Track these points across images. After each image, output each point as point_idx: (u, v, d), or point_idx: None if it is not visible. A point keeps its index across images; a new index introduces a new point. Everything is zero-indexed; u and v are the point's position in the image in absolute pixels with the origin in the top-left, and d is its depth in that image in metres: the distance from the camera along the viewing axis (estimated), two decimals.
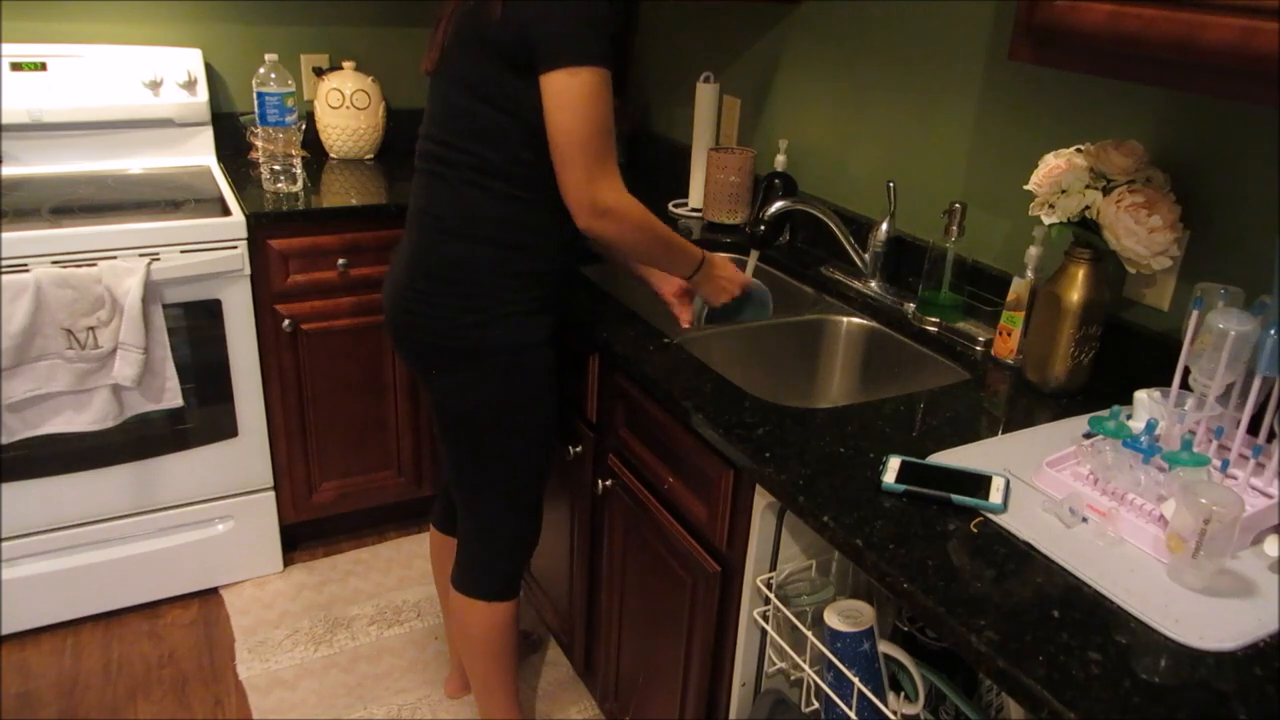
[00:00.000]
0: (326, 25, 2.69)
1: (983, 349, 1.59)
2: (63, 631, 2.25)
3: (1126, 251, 1.31)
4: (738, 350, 1.75)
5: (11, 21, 2.34)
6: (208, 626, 2.30)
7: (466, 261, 1.48)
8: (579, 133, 1.36)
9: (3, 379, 1.93)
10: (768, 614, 1.35)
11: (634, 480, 1.62)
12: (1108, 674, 0.88)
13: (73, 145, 2.39)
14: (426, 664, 2.20)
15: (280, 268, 2.22)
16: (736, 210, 2.18)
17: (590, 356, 1.69)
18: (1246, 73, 0.96)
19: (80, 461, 2.12)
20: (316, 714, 2.06)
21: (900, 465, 1.19)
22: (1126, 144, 1.35)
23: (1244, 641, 0.93)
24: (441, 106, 1.49)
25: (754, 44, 2.24)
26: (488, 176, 1.45)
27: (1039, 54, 1.19)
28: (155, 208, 2.15)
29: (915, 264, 1.81)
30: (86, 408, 2.02)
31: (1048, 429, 1.34)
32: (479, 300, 1.49)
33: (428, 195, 1.52)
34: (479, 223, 1.47)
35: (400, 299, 1.54)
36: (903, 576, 1.01)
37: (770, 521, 1.32)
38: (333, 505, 2.51)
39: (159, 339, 2.05)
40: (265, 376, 2.28)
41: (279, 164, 2.31)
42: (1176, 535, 1.00)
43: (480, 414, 1.56)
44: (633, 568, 1.68)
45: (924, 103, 1.81)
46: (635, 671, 1.75)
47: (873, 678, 1.21)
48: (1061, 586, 1.00)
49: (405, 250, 1.56)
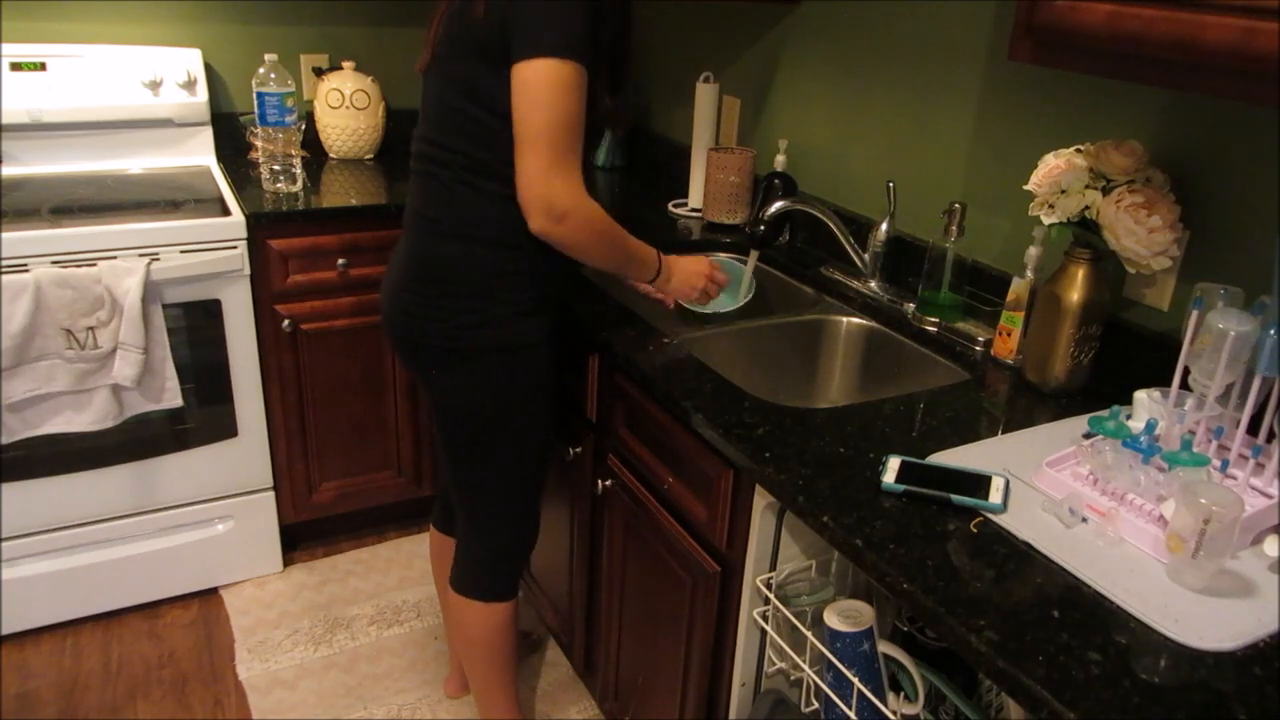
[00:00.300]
0: (326, 25, 2.69)
1: (982, 349, 1.59)
2: (63, 631, 2.25)
3: (1126, 251, 1.31)
4: (738, 350, 1.75)
5: (11, 21, 2.34)
6: (208, 627, 2.30)
7: (462, 262, 1.47)
8: (538, 124, 1.31)
9: (3, 379, 1.93)
10: (767, 614, 1.35)
11: (634, 480, 1.62)
12: (1107, 674, 0.88)
13: (73, 145, 2.39)
14: (426, 664, 2.20)
15: (280, 268, 2.22)
16: (736, 210, 2.18)
17: (590, 356, 1.69)
18: (1246, 73, 0.96)
19: (80, 461, 2.12)
20: (316, 714, 2.06)
21: (900, 465, 1.19)
22: (1126, 144, 1.35)
23: (1244, 641, 0.93)
24: (434, 107, 1.49)
25: (754, 44, 2.24)
26: (481, 177, 1.44)
27: (1039, 54, 1.19)
28: (155, 208, 2.15)
29: (915, 264, 1.81)
30: (86, 408, 2.02)
31: (1047, 429, 1.34)
32: (476, 301, 1.48)
33: (422, 196, 1.51)
34: (474, 223, 1.47)
35: (397, 301, 1.54)
36: (902, 576, 1.01)
37: (770, 521, 1.32)
38: (333, 505, 2.51)
39: (159, 339, 2.05)
40: (265, 376, 2.28)
41: (279, 164, 2.31)
42: (1176, 535, 1.00)
43: (479, 414, 1.56)
44: (633, 568, 1.68)
45: (924, 103, 1.81)
46: (635, 671, 1.75)
47: (872, 678, 1.21)
48: (1061, 586, 1.00)
49: (402, 252, 1.56)
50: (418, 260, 1.51)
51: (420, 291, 1.50)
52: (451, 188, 1.46)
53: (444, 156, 1.46)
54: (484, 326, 1.49)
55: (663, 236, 2.17)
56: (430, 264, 1.50)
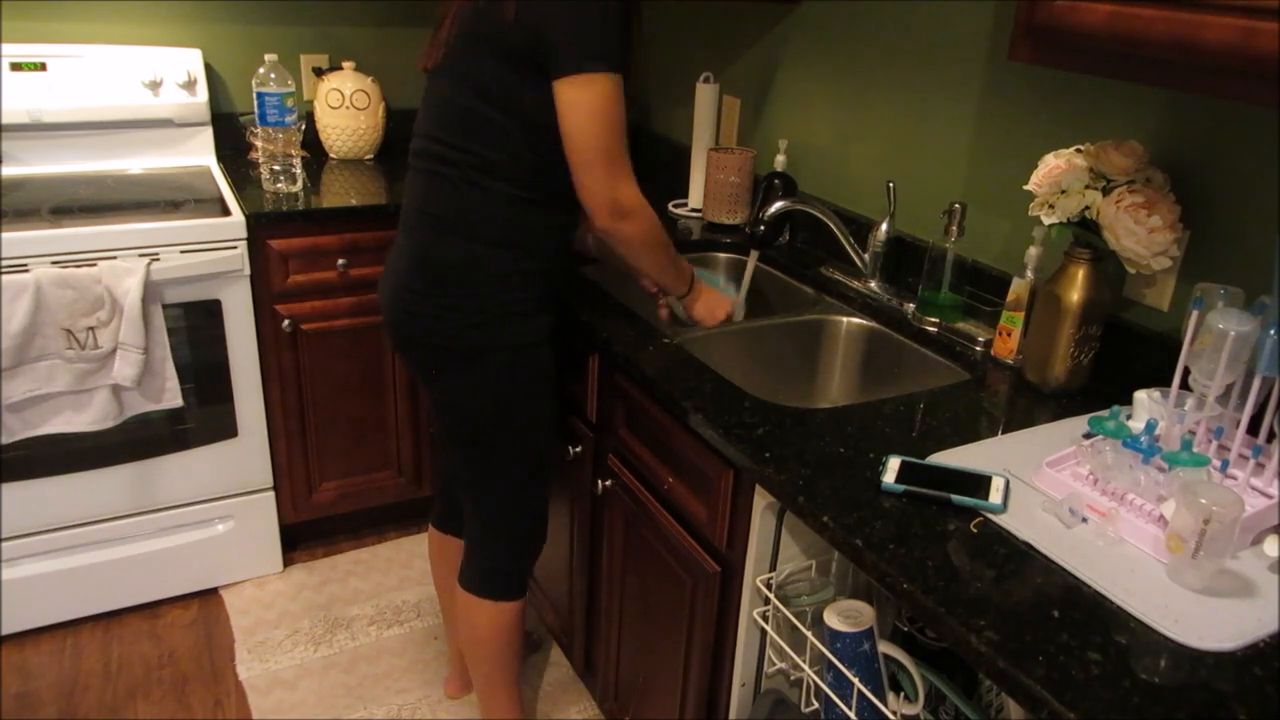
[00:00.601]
0: (326, 25, 2.69)
1: (982, 349, 1.59)
2: (63, 631, 2.25)
3: (1126, 251, 1.31)
4: (738, 350, 1.75)
5: (11, 21, 2.34)
6: (208, 627, 2.30)
7: (466, 262, 1.47)
8: (599, 137, 1.39)
9: (3, 379, 1.93)
10: (767, 614, 1.35)
11: (634, 480, 1.62)
12: (1107, 674, 0.88)
13: (73, 145, 2.39)
14: (426, 664, 2.20)
15: (280, 268, 2.22)
16: (736, 210, 2.18)
17: (590, 356, 1.69)
18: (1246, 73, 0.96)
19: (80, 461, 2.12)
20: (316, 714, 2.06)
21: (900, 465, 1.19)
22: (1126, 144, 1.35)
23: (1244, 642, 0.93)
24: (442, 105, 1.48)
25: (754, 44, 2.24)
26: (489, 176, 1.45)
27: (1039, 54, 1.19)
28: (155, 208, 2.15)
29: (915, 264, 1.81)
30: (86, 408, 2.02)
31: (1047, 429, 1.34)
32: (479, 301, 1.48)
33: (425, 194, 1.51)
34: (479, 223, 1.47)
35: (400, 301, 1.54)
36: (902, 576, 1.01)
37: (770, 522, 1.32)
38: (333, 505, 2.51)
39: (159, 339, 2.05)
40: (265, 376, 2.28)
41: (279, 164, 2.31)
42: (1176, 535, 1.00)
43: (483, 414, 1.56)
44: (633, 568, 1.68)
45: (924, 103, 1.81)
46: (635, 672, 1.75)
47: (872, 678, 1.21)
48: (1061, 587, 1.00)
49: (403, 251, 1.55)
50: (420, 260, 1.51)
51: (424, 292, 1.50)
52: (458, 187, 1.46)
53: (451, 155, 1.46)
54: (487, 326, 1.49)
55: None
56: (434, 264, 1.49)
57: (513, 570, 1.71)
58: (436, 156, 1.49)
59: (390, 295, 1.56)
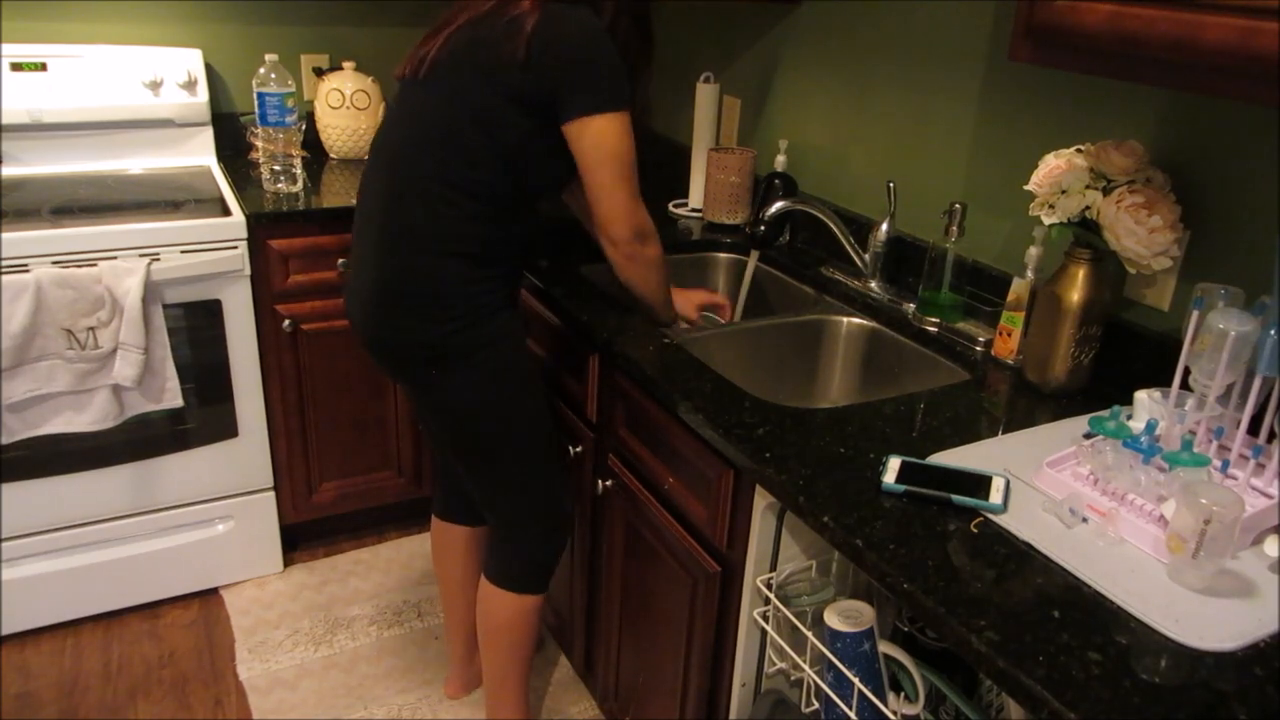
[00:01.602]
0: (326, 25, 2.69)
1: (983, 349, 1.59)
2: (63, 632, 2.25)
3: (1126, 251, 1.31)
4: (738, 350, 1.75)
5: (11, 21, 2.34)
6: (208, 627, 2.30)
7: (438, 274, 1.50)
8: (615, 171, 1.49)
9: (3, 379, 1.93)
10: (768, 614, 1.35)
11: (634, 480, 1.62)
12: (1108, 674, 0.88)
13: (73, 145, 2.39)
14: (426, 664, 2.20)
15: (280, 268, 2.22)
16: (736, 210, 2.18)
17: (590, 356, 1.69)
18: (1246, 73, 0.96)
19: (80, 461, 2.12)
20: (316, 714, 2.06)
21: (900, 465, 1.19)
22: (1126, 144, 1.35)
23: (1244, 642, 0.93)
24: (420, 118, 1.50)
25: (754, 44, 2.24)
26: (462, 194, 1.48)
27: (1039, 54, 1.19)
28: (155, 208, 2.15)
29: (915, 264, 1.81)
30: (86, 408, 2.02)
31: (1048, 429, 1.34)
32: (457, 309, 1.51)
33: (389, 207, 1.51)
34: (452, 239, 1.49)
35: (383, 318, 1.54)
36: (903, 576, 1.01)
37: (770, 522, 1.32)
38: (333, 505, 2.51)
39: (159, 339, 2.05)
40: (265, 376, 2.28)
41: (279, 164, 2.31)
42: (1177, 535, 1.00)
43: (481, 409, 1.58)
44: (633, 568, 1.68)
45: (924, 103, 1.81)
46: (635, 672, 1.75)
47: (873, 678, 1.21)
48: (1061, 587, 1.00)
49: (368, 265, 1.54)
50: (392, 274, 1.51)
51: (405, 305, 1.51)
52: (430, 203, 1.48)
53: (425, 168, 1.48)
54: (471, 328, 1.52)
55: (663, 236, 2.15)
56: (407, 276, 1.50)
57: (539, 562, 1.73)
58: (407, 163, 1.49)
59: (368, 313, 1.56)
